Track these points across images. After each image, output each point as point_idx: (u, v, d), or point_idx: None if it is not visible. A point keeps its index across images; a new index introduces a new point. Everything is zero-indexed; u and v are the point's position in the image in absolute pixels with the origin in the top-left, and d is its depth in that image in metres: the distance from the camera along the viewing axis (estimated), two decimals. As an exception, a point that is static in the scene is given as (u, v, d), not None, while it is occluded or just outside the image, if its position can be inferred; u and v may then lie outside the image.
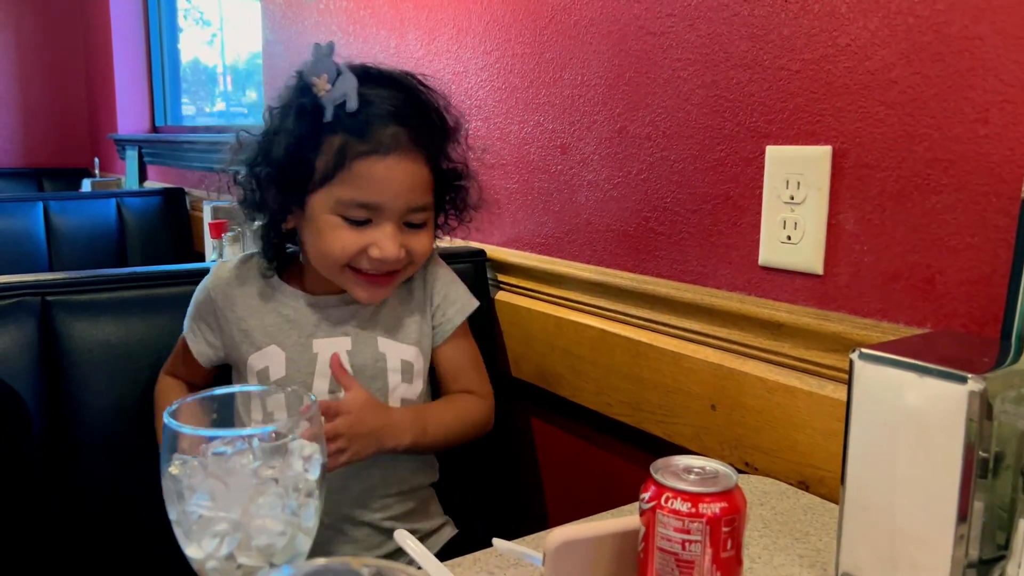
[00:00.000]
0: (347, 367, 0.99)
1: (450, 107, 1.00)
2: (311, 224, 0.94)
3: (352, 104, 0.88)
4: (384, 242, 0.92)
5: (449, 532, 1.10)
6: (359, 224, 0.92)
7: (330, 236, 0.92)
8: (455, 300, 1.09)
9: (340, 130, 0.89)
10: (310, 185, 0.91)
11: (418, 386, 1.05)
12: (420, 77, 0.99)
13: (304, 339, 1.00)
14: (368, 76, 0.92)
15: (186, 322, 1.05)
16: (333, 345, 0.99)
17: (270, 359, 0.99)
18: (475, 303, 1.11)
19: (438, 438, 1.01)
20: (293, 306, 1.02)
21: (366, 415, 0.93)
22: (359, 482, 1.01)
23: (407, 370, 1.03)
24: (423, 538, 1.05)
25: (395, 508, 1.04)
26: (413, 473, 1.06)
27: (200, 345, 1.04)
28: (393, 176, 0.90)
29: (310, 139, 0.90)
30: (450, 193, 1.02)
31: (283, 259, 1.01)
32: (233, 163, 0.99)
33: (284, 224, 0.97)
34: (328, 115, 0.88)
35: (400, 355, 1.03)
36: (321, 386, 0.99)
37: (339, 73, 0.88)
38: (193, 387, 1.07)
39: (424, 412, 1.03)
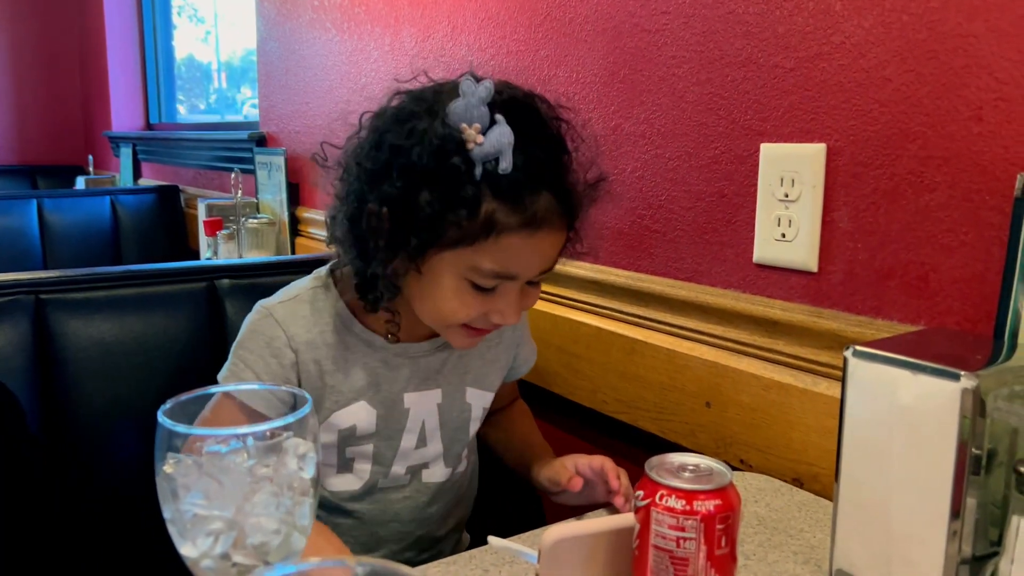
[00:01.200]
0: (436, 419, 0.95)
1: (598, 158, 0.87)
2: (428, 279, 0.83)
3: (506, 165, 0.75)
4: (507, 310, 0.83)
5: (466, 540, 1.10)
6: (486, 290, 0.82)
7: (453, 300, 0.82)
8: (528, 340, 1.08)
9: (489, 193, 0.76)
10: (439, 241, 0.79)
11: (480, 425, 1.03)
12: (564, 112, 0.86)
13: (396, 394, 0.92)
14: (514, 117, 0.78)
15: (243, 383, 0.88)
16: (425, 399, 0.93)
17: (357, 417, 0.90)
18: (536, 354, 1.10)
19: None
20: (382, 357, 0.92)
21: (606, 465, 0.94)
22: (418, 527, 0.99)
23: (484, 413, 1.01)
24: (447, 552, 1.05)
25: (440, 546, 1.04)
26: (466, 509, 1.08)
27: (272, 409, 0.83)
28: (540, 250, 0.82)
29: (452, 196, 0.77)
30: (568, 245, 0.90)
31: (376, 307, 0.87)
32: (342, 190, 0.87)
33: (387, 267, 0.83)
34: (477, 173, 0.76)
35: (483, 403, 0.99)
36: (409, 442, 0.93)
37: (493, 122, 0.76)
38: None
39: (537, 446, 1.07)
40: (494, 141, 0.75)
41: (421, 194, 0.77)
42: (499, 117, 0.76)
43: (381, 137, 0.82)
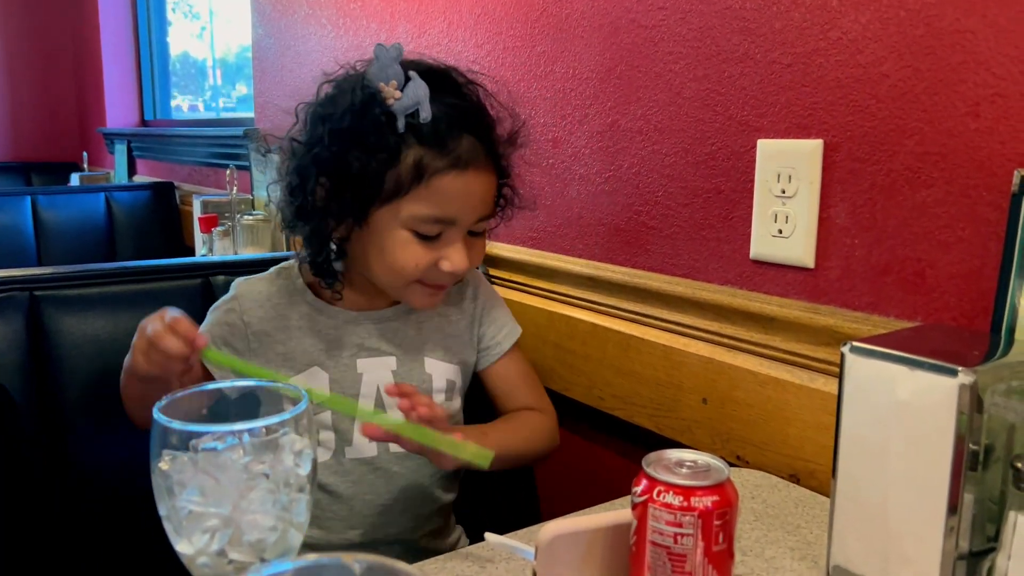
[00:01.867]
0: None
1: (515, 110, 0.95)
2: (374, 238, 0.89)
3: (426, 114, 0.83)
4: (455, 256, 0.88)
5: (464, 542, 1.08)
6: (430, 239, 0.87)
7: (401, 252, 0.87)
8: (504, 324, 1.07)
9: (415, 142, 0.84)
10: (377, 199, 0.86)
11: (457, 403, 1.03)
12: (474, 75, 0.94)
13: (348, 359, 0.96)
14: (430, 76, 0.86)
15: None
16: (378, 365, 0.96)
17: (312, 381, 0.95)
18: (519, 329, 1.09)
19: (499, 450, 0.90)
20: (334, 324, 0.97)
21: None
22: (395, 502, 0.98)
23: (450, 388, 1.01)
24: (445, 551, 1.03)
25: (426, 526, 1.01)
26: (444, 491, 1.03)
27: (224, 372, 0.93)
28: (472, 191, 0.87)
29: (380, 151, 0.84)
30: (502, 197, 0.97)
31: (327, 273, 0.94)
32: (284, 169, 0.93)
33: (335, 233, 0.91)
34: (400, 126, 0.83)
35: (445, 375, 1.00)
36: (366, 406, 0.96)
37: (408, 79, 0.83)
38: None
39: (485, 427, 0.99)
40: (411, 94, 0.82)
41: (353, 154, 0.84)
42: (412, 73, 0.83)
43: (313, 114, 0.89)
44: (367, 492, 0.97)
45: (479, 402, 1.09)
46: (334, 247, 0.94)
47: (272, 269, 1.01)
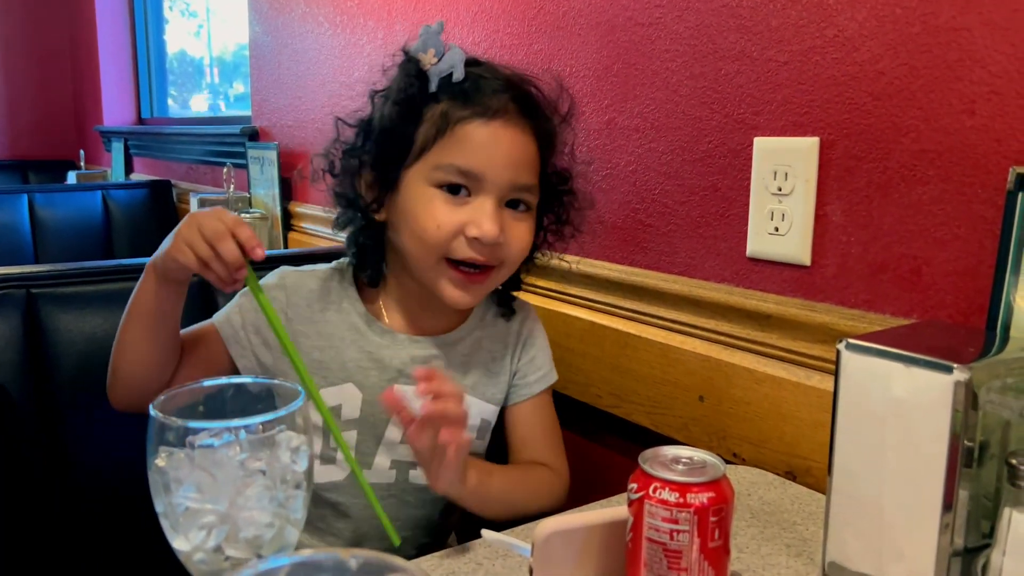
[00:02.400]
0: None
1: (564, 94, 0.93)
2: (405, 206, 0.85)
3: (459, 74, 0.82)
4: (482, 220, 0.82)
5: (453, 540, 1.05)
6: (456, 196, 0.83)
7: (425, 212, 0.83)
8: (540, 366, 1.01)
9: (444, 98, 0.83)
10: (408, 158, 0.84)
11: (485, 442, 0.99)
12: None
13: (386, 382, 0.91)
14: (479, 62, 0.87)
15: (229, 319, 0.91)
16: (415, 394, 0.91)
17: (344, 398, 0.90)
18: (555, 377, 1.02)
19: (498, 494, 0.87)
20: (380, 344, 0.92)
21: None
22: (403, 528, 0.94)
23: (483, 428, 0.97)
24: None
25: (425, 545, 0.98)
26: (447, 515, 0.99)
27: (245, 359, 0.90)
28: (498, 142, 0.83)
29: (412, 111, 0.84)
30: (556, 199, 0.93)
31: (375, 277, 0.92)
32: (330, 150, 0.92)
33: (377, 215, 0.89)
34: (433, 86, 0.83)
35: (481, 414, 0.95)
36: (394, 434, 0.91)
37: (447, 49, 0.84)
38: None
39: (494, 468, 0.90)
40: (448, 59, 0.83)
41: (388, 119, 0.85)
42: (452, 44, 0.83)
43: (371, 102, 0.90)
44: (377, 517, 0.94)
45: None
46: (374, 228, 0.91)
47: (325, 267, 0.96)
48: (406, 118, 0.84)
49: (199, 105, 3.85)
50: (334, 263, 0.97)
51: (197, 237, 0.76)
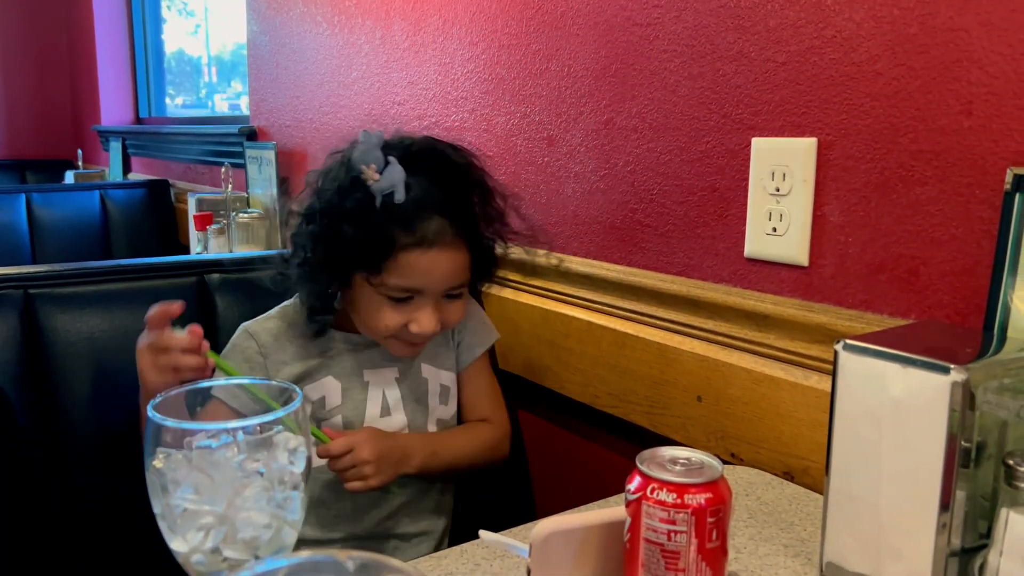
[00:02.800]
0: (397, 392, 1.07)
1: (496, 186, 1.03)
2: (356, 298, 1.00)
3: (399, 196, 0.92)
4: (423, 320, 0.97)
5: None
6: (400, 301, 0.97)
7: (374, 314, 0.98)
8: (476, 331, 1.14)
9: (387, 220, 0.93)
10: (356, 265, 0.97)
11: (452, 407, 1.11)
12: (465, 151, 1.02)
13: (355, 369, 1.06)
14: (412, 156, 0.96)
15: (221, 386, 1.01)
16: (382, 374, 1.06)
17: (326, 389, 1.04)
18: (495, 335, 1.16)
19: (449, 460, 1.05)
20: (343, 348, 1.06)
21: (379, 442, 0.97)
22: (401, 507, 1.07)
23: (444, 393, 1.10)
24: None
25: (426, 519, 1.11)
26: (444, 492, 1.12)
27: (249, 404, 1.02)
28: (437, 267, 0.95)
29: (359, 225, 0.94)
30: (485, 264, 1.06)
31: (322, 322, 1.05)
32: (290, 229, 1.05)
33: (328, 290, 1.03)
34: (377, 204, 0.92)
35: (439, 380, 1.09)
36: (374, 409, 1.05)
37: (387, 163, 0.93)
38: None
39: (434, 436, 1.07)
40: (388, 177, 0.92)
41: (336, 227, 0.95)
42: (391, 158, 0.93)
43: (312, 189, 1.01)
44: (374, 503, 1.04)
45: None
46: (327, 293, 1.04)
47: (275, 311, 1.08)
48: (353, 231, 0.94)
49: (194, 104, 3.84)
50: (287, 304, 1.08)
51: (159, 372, 0.90)
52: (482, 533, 0.72)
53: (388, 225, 0.93)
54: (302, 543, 1.03)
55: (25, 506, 1.04)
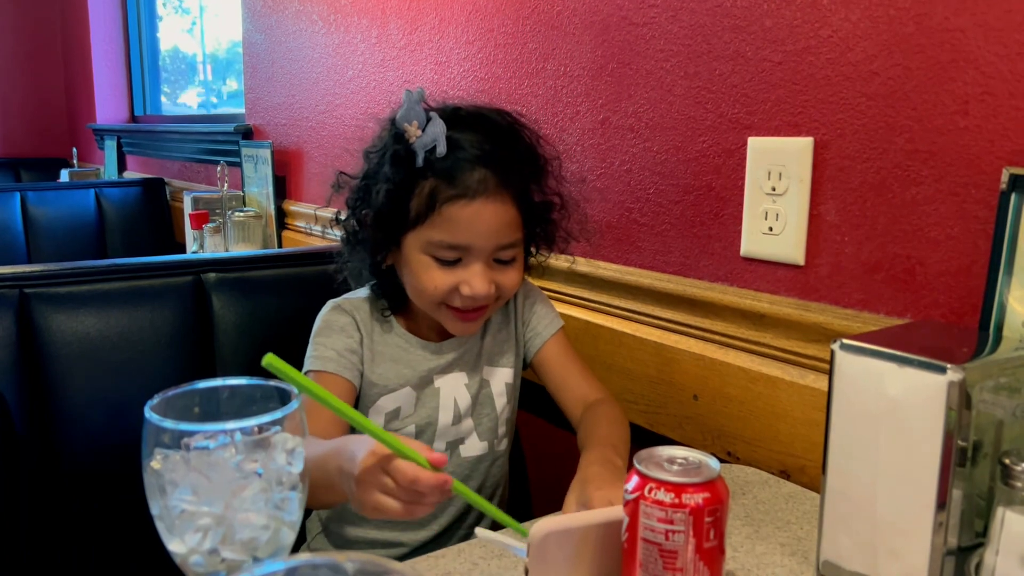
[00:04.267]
0: (467, 397, 1.05)
1: (541, 143, 1.02)
2: (407, 263, 0.98)
3: (441, 149, 0.91)
4: (474, 280, 0.94)
5: None
6: (450, 264, 0.95)
7: (423, 276, 0.96)
8: (545, 314, 1.11)
9: (431, 175, 0.93)
10: (405, 226, 0.96)
11: (515, 404, 1.10)
12: (515, 114, 1.01)
13: (428, 378, 1.04)
14: (458, 118, 0.95)
15: (323, 361, 1.00)
16: (452, 380, 1.05)
17: (402, 400, 1.03)
18: (561, 323, 1.11)
19: (624, 455, 0.94)
20: (411, 351, 1.05)
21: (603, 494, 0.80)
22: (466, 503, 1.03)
23: (508, 392, 1.08)
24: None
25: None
26: (504, 487, 1.12)
27: (355, 377, 1.02)
28: (481, 219, 0.93)
29: (404, 184, 0.94)
30: (540, 226, 1.03)
31: (397, 300, 1.04)
32: (336, 203, 1.05)
33: (384, 262, 1.01)
34: (419, 160, 0.92)
35: (503, 379, 1.08)
36: (446, 419, 1.04)
37: (429, 119, 0.92)
38: None
39: (609, 446, 0.94)
40: (431, 132, 0.91)
41: (385, 190, 0.94)
42: (433, 114, 0.92)
43: (363, 154, 1.00)
44: (442, 507, 1.05)
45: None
46: (382, 270, 1.03)
47: (364, 293, 1.06)
48: (399, 191, 0.94)
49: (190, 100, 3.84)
50: (367, 290, 1.07)
51: (384, 507, 0.72)
52: (478, 531, 0.72)
53: (431, 179, 0.92)
54: (366, 545, 1.05)
55: (19, 507, 1.04)
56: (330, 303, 1.06)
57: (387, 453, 0.70)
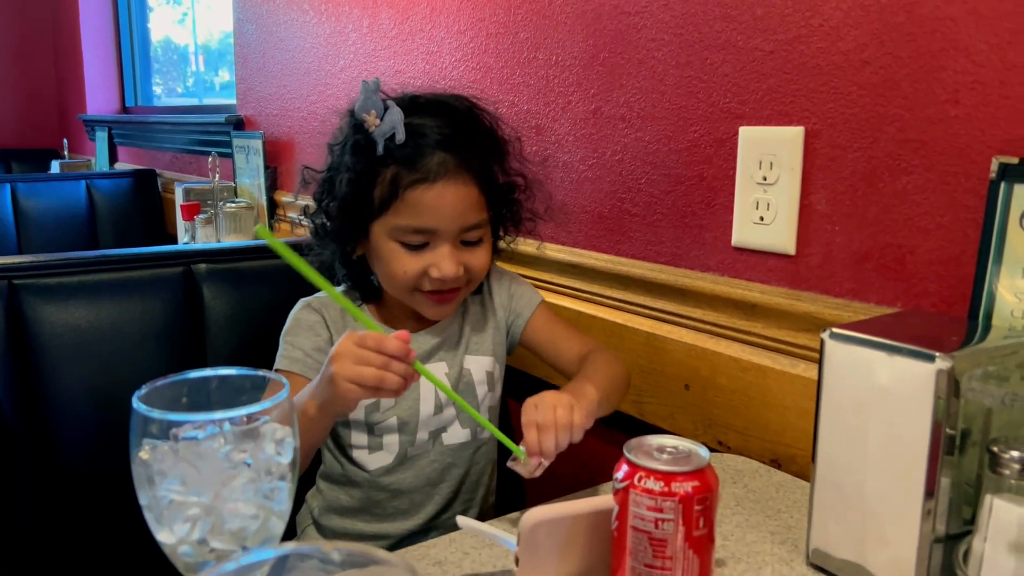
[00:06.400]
0: (448, 386, 1.04)
1: (500, 125, 1.03)
2: (376, 251, 0.99)
3: (400, 136, 0.93)
4: (442, 263, 0.95)
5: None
6: (417, 248, 0.96)
7: (393, 262, 0.97)
8: (522, 295, 1.12)
9: (392, 162, 0.94)
10: (370, 215, 0.97)
11: (498, 392, 1.10)
12: (472, 98, 1.02)
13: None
14: (416, 106, 0.97)
15: (292, 358, 1.01)
16: (432, 370, 1.04)
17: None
18: (540, 297, 1.13)
19: (605, 394, 0.95)
20: None
21: (555, 397, 0.86)
22: (453, 492, 1.07)
23: (489, 380, 1.08)
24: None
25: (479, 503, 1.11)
26: (491, 474, 1.12)
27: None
28: (443, 201, 0.94)
29: (366, 172, 0.95)
30: (506, 207, 1.05)
31: (368, 292, 1.06)
32: (303, 197, 1.06)
33: (353, 253, 1.03)
34: (379, 149, 0.93)
35: (483, 367, 1.08)
36: (427, 409, 1.03)
37: (386, 108, 0.94)
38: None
39: (583, 377, 0.97)
40: (388, 120, 0.93)
41: (348, 180, 0.96)
42: (390, 103, 0.94)
43: (327, 147, 1.02)
44: (426, 484, 1.05)
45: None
46: (352, 261, 1.04)
47: (340, 287, 1.07)
48: (362, 180, 0.96)
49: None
50: (342, 287, 1.08)
51: (357, 379, 0.79)
52: (459, 519, 0.72)
53: (392, 166, 0.94)
54: (355, 537, 1.05)
55: (8, 498, 1.04)
56: (301, 301, 1.06)
57: (357, 332, 0.81)
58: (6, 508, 1.03)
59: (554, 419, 0.81)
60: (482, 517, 1.10)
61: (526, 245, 1.30)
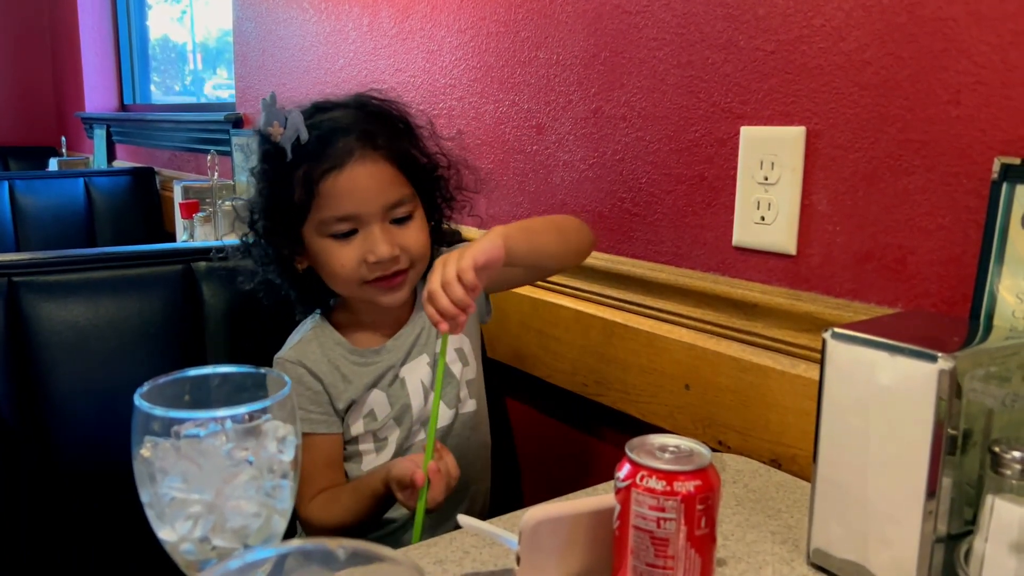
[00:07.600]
0: (430, 375, 1.07)
1: (408, 109, 1.06)
2: (314, 256, 1.00)
3: (304, 136, 0.95)
4: (376, 246, 0.96)
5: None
6: (347, 236, 0.97)
7: (331, 259, 0.98)
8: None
9: (302, 161, 0.96)
10: (297, 220, 0.98)
11: (475, 365, 1.11)
12: (375, 91, 1.05)
13: (393, 374, 1.06)
14: (320, 108, 1.01)
15: (310, 424, 1.04)
16: (415, 366, 1.07)
17: (374, 403, 1.05)
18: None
19: (523, 228, 0.95)
20: (370, 359, 1.06)
21: (439, 260, 0.89)
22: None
23: (460, 356, 1.09)
24: None
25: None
26: (484, 456, 1.14)
27: (334, 426, 1.05)
28: (357, 184, 0.96)
29: (281, 180, 0.98)
30: (433, 186, 1.06)
31: (326, 305, 1.07)
32: (237, 230, 1.07)
33: (298, 268, 1.03)
34: (288, 153, 0.95)
35: (452, 345, 1.09)
36: (417, 402, 1.06)
37: (287, 116, 0.96)
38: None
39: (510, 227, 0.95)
40: (291, 125, 0.96)
41: (269, 194, 0.99)
42: (289, 110, 0.96)
43: (251, 178, 1.05)
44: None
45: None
46: (298, 274, 1.04)
47: (307, 330, 1.07)
48: (280, 189, 0.98)
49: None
50: (310, 320, 1.09)
51: (404, 500, 0.91)
52: (460, 518, 0.72)
53: (303, 165, 0.96)
54: (341, 531, 1.05)
55: (8, 495, 1.04)
56: (276, 361, 1.06)
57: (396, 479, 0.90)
58: (6, 508, 1.03)
59: (439, 282, 0.85)
60: (479, 502, 1.11)
61: (526, 244, 1.30)
